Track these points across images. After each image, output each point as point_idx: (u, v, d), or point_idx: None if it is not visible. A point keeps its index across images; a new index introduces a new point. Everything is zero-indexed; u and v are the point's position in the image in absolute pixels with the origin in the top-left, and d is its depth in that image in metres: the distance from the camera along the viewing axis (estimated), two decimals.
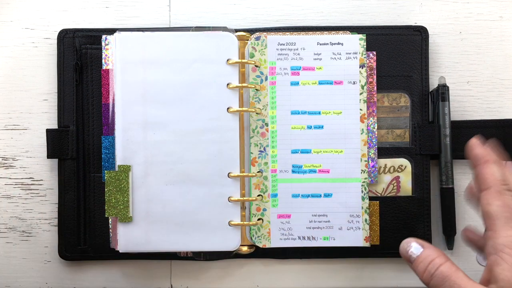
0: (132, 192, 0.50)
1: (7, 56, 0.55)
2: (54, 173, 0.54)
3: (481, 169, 0.38)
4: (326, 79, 0.52)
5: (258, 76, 0.52)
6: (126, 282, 0.54)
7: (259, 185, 0.52)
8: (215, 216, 0.51)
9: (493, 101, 0.55)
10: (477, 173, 0.39)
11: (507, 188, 0.37)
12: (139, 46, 0.51)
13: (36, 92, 0.54)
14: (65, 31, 0.53)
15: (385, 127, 0.53)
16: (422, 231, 0.52)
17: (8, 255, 0.54)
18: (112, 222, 0.51)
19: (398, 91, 0.53)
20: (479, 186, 0.38)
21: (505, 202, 0.36)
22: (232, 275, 0.54)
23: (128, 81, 0.51)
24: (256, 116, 0.52)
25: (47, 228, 0.54)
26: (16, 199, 0.54)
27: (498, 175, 0.37)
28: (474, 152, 0.39)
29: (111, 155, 0.51)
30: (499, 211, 0.35)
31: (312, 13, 0.55)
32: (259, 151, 0.52)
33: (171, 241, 0.50)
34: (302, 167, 0.52)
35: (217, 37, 0.51)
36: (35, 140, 0.54)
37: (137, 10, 0.55)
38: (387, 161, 0.53)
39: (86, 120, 0.53)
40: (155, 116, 0.51)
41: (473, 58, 0.55)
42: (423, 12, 0.55)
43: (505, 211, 0.35)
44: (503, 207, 0.35)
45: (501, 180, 0.37)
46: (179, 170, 0.51)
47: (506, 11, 0.55)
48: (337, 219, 0.51)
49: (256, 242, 0.51)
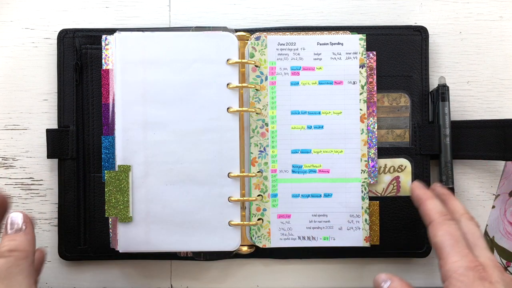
0: (132, 192, 0.50)
1: (7, 56, 0.55)
2: (54, 173, 0.54)
3: (423, 207, 0.43)
4: (326, 79, 0.52)
5: (258, 76, 0.52)
6: (126, 282, 0.54)
7: (259, 185, 0.52)
8: (215, 216, 0.51)
9: (493, 101, 0.55)
10: (421, 211, 0.43)
11: (447, 218, 0.41)
12: (139, 46, 0.51)
13: (36, 92, 0.54)
14: (65, 31, 0.53)
15: (385, 127, 0.53)
16: (422, 231, 0.52)
17: None
18: (112, 222, 0.51)
19: (398, 91, 0.53)
20: (425, 222, 0.42)
21: (448, 231, 0.39)
22: (232, 275, 0.54)
23: (128, 81, 0.51)
24: (256, 116, 0.52)
25: (47, 228, 0.54)
26: (16, 199, 0.54)
27: (438, 209, 0.42)
28: (415, 194, 0.45)
29: (111, 155, 0.51)
30: (444, 240, 0.38)
31: (312, 13, 0.55)
32: (259, 151, 0.52)
33: (171, 241, 0.50)
34: (302, 167, 0.52)
35: (217, 37, 0.51)
36: (35, 140, 0.54)
37: (137, 10, 0.55)
38: (387, 161, 0.53)
39: (86, 120, 0.53)
40: (155, 116, 0.51)
41: (473, 58, 0.55)
42: (423, 12, 0.55)
43: (449, 239, 0.38)
44: (446, 235, 0.39)
45: (441, 213, 0.41)
46: (179, 170, 0.51)
47: (506, 11, 0.55)
48: (337, 219, 0.51)
49: (256, 242, 0.52)
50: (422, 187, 0.46)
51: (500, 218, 0.54)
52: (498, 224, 0.54)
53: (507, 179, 0.54)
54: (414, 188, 0.46)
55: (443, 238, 0.39)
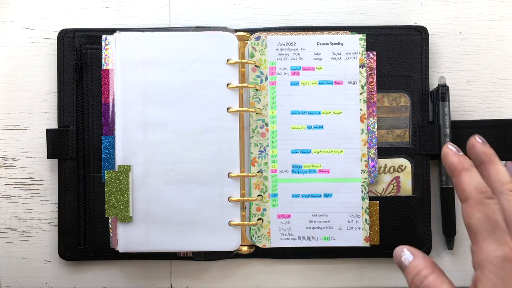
0: (132, 192, 0.50)
1: (7, 56, 0.55)
2: (54, 173, 0.54)
3: (457, 179, 0.36)
4: (326, 79, 0.52)
5: (258, 76, 0.52)
6: (126, 282, 0.54)
7: (259, 185, 0.52)
8: (215, 216, 0.51)
9: (493, 101, 0.55)
10: (455, 184, 0.36)
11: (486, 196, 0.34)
12: (139, 46, 0.51)
13: (36, 92, 0.54)
14: (65, 31, 0.53)
15: (385, 127, 0.53)
16: (422, 231, 0.52)
17: (8, 255, 0.54)
18: (112, 222, 0.51)
19: (398, 91, 0.53)
20: (459, 197, 0.36)
21: (486, 213, 0.33)
22: (232, 275, 0.54)
23: (128, 81, 0.51)
24: (256, 116, 0.52)
25: (47, 228, 0.54)
26: (16, 199, 0.54)
27: (476, 183, 0.35)
28: (447, 161, 0.37)
29: (111, 155, 0.51)
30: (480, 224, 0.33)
31: (312, 13, 0.55)
32: (259, 151, 0.52)
33: (171, 241, 0.50)
34: (302, 167, 0.52)
35: (217, 37, 0.51)
36: (35, 140, 0.54)
37: (137, 10, 0.55)
38: (387, 161, 0.52)
39: (86, 120, 0.53)
40: (155, 116, 0.51)
41: (473, 58, 0.55)
42: (423, 12, 0.55)
43: (486, 223, 0.33)
44: (484, 219, 0.33)
45: (479, 189, 0.34)
46: (179, 170, 0.50)
47: (506, 11, 0.55)
48: (337, 219, 0.51)
49: (256, 242, 0.51)
50: (455, 153, 0.37)
51: None
52: None
53: None
54: (447, 154, 0.37)
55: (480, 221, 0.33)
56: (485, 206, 0.33)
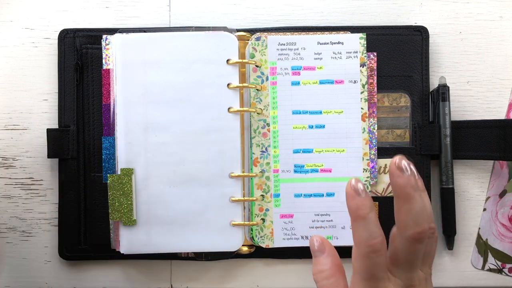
0: (135, 194, 0.50)
1: (7, 56, 0.54)
2: (54, 173, 0.54)
3: (352, 226, 0.35)
4: (327, 79, 0.52)
5: (259, 77, 0.52)
6: (127, 282, 0.54)
7: (261, 185, 0.52)
8: (217, 216, 0.51)
9: (493, 101, 0.55)
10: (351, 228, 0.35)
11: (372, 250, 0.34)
12: (139, 47, 0.51)
13: (36, 92, 0.54)
14: (66, 31, 0.53)
15: (385, 127, 0.53)
16: None
17: (8, 255, 0.54)
18: (113, 223, 0.51)
19: (398, 91, 0.53)
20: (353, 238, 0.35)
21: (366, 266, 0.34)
22: (233, 275, 0.54)
23: (129, 83, 0.51)
24: (258, 116, 0.52)
25: (47, 228, 0.54)
26: (16, 199, 0.54)
27: (367, 236, 0.34)
28: (347, 204, 0.35)
29: (112, 156, 0.51)
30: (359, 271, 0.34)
31: (312, 13, 0.55)
32: (261, 151, 0.52)
33: (174, 242, 0.50)
34: (304, 167, 0.52)
35: (217, 37, 0.51)
36: (35, 140, 0.54)
37: (137, 10, 0.55)
38: (387, 161, 0.53)
39: (87, 120, 0.53)
40: (156, 117, 0.50)
41: (473, 58, 0.55)
42: (423, 12, 0.55)
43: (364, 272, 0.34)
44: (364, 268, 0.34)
45: (367, 242, 0.34)
46: (181, 171, 0.50)
47: (506, 11, 0.55)
48: (340, 218, 0.51)
49: (259, 242, 0.51)
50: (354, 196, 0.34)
51: (492, 220, 0.54)
52: (490, 227, 0.54)
53: (496, 181, 0.54)
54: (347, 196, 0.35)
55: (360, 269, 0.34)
56: (368, 261, 0.34)
